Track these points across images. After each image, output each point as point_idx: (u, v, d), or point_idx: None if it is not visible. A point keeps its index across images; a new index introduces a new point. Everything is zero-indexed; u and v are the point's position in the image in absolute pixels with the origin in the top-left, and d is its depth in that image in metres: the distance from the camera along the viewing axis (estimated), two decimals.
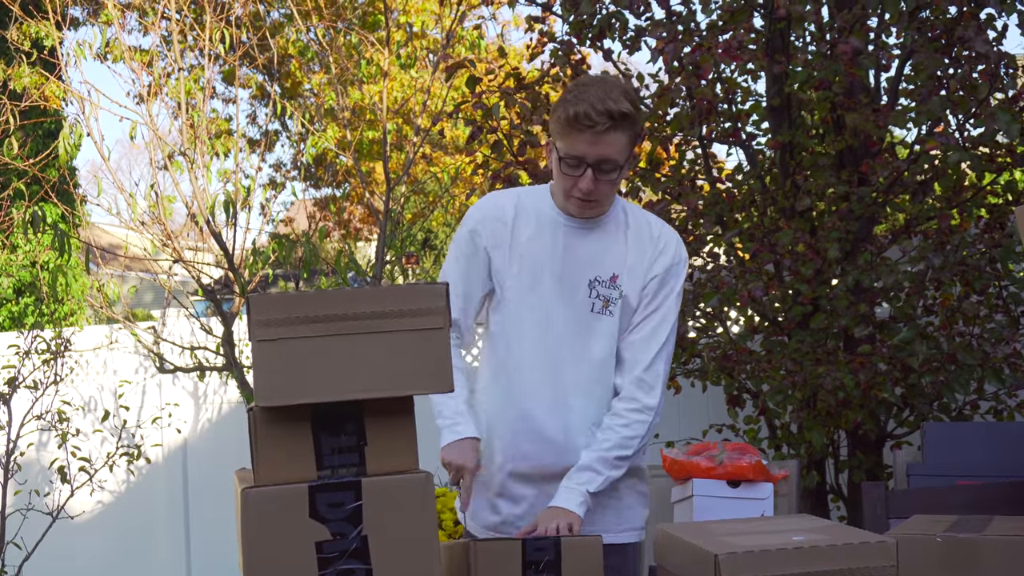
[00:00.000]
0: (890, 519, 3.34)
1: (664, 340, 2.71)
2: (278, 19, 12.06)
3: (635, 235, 2.72)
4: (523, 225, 2.73)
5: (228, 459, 7.19)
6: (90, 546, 7.59)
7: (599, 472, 2.61)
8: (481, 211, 2.78)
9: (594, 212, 2.69)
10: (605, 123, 2.54)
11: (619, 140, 2.58)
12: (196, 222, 6.72)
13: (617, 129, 2.57)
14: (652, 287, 2.71)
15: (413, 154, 7.34)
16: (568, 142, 2.60)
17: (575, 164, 2.61)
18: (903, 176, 4.97)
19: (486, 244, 2.74)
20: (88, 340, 7.68)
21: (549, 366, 2.70)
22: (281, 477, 1.98)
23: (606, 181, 2.62)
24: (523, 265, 2.72)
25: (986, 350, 4.77)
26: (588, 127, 2.55)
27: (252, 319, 1.95)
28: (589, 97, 2.55)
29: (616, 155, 2.59)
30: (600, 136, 2.56)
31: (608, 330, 2.70)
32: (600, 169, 2.60)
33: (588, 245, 2.71)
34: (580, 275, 2.70)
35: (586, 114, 2.54)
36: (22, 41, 6.99)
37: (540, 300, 2.71)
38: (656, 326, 2.71)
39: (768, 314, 5.20)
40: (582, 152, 2.59)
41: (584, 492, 2.59)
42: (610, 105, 2.54)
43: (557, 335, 2.70)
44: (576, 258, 2.70)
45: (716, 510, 3.51)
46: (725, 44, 4.89)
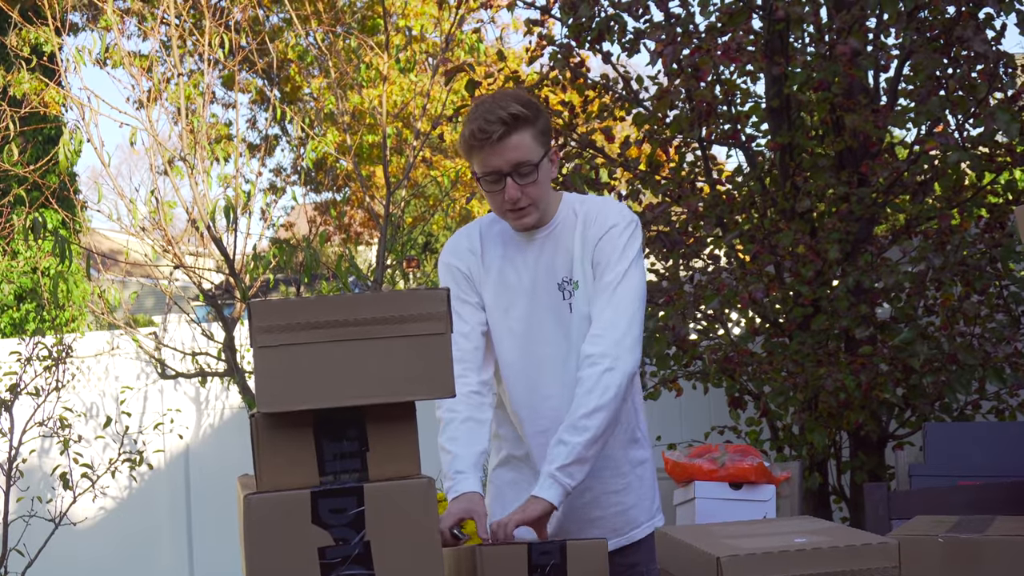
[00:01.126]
0: (892, 520, 3.34)
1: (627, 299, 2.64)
2: (277, 24, 12.07)
3: (582, 222, 2.73)
4: (490, 253, 2.76)
5: (230, 464, 7.23)
6: (93, 552, 7.59)
7: (566, 442, 2.53)
8: (452, 249, 2.81)
9: (533, 219, 2.69)
10: (499, 130, 2.56)
11: (523, 140, 2.59)
12: (197, 227, 6.72)
13: (515, 131, 2.58)
14: (599, 252, 2.69)
15: (413, 158, 7.35)
16: (478, 160, 2.62)
17: (493, 179, 2.63)
18: (903, 176, 4.97)
19: (469, 272, 2.76)
20: (89, 346, 7.69)
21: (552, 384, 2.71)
22: (283, 483, 1.98)
23: (529, 184, 2.62)
24: (498, 291, 2.75)
25: (987, 350, 4.77)
26: (486, 139, 2.57)
27: (253, 325, 1.96)
28: (480, 112, 2.59)
29: (526, 156, 2.60)
30: (501, 144, 2.58)
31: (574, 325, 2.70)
32: (518, 174, 2.61)
33: (550, 251, 2.72)
34: (550, 282, 2.72)
35: (480, 128, 2.57)
36: (22, 47, 7.00)
37: (520, 323, 2.73)
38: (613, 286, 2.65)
39: (769, 316, 5.20)
40: (494, 165, 2.61)
41: (552, 474, 2.51)
42: (499, 112, 2.56)
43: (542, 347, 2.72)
44: (543, 267, 2.72)
45: (718, 512, 3.51)
46: (724, 46, 4.89)
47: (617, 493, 2.75)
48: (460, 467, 2.61)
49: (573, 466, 2.51)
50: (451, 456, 2.62)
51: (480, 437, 2.67)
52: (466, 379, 2.69)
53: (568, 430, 2.53)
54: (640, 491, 2.80)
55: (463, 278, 2.77)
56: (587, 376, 2.56)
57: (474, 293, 2.77)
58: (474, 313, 2.76)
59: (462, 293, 2.76)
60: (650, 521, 2.80)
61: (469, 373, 2.71)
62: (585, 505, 2.72)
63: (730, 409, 5.21)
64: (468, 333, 2.74)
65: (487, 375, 2.76)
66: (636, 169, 5.52)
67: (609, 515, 2.74)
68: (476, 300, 2.76)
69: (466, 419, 2.66)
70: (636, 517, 2.78)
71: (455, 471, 2.60)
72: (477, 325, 2.75)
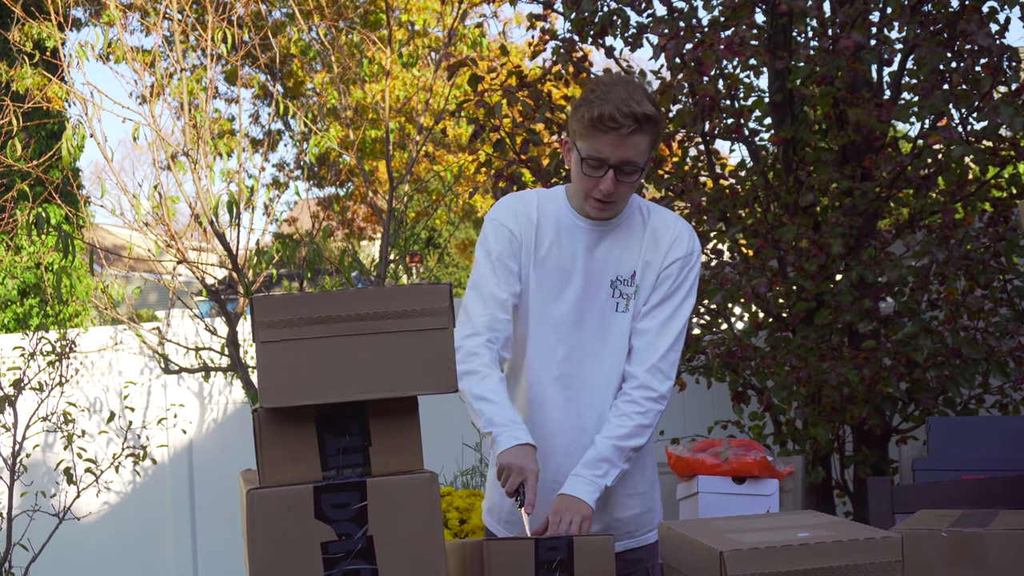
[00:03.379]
0: (896, 514, 3.34)
1: (679, 330, 2.70)
2: (280, 19, 12.07)
3: (652, 232, 2.72)
4: (545, 232, 2.71)
5: (233, 459, 7.24)
6: (97, 547, 7.61)
7: (615, 464, 2.59)
8: (508, 210, 2.73)
9: (611, 213, 2.68)
10: (630, 125, 2.53)
11: (642, 142, 2.58)
12: (200, 222, 6.72)
13: (641, 132, 2.56)
14: (665, 276, 2.70)
15: (416, 153, 7.34)
16: (591, 143, 2.58)
17: (597, 165, 2.59)
18: (906, 171, 4.96)
19: (520, 239, 2.70)
20: (93, 341, 7.70)
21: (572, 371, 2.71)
22: (286, 478, 1.98)
23: (626, 183, 2.61)
24: (545, 274, 2.71)
25: (991, 344, 4.77)
26: (613, 129, 2.53)
27: (256, 321, 1.96)
28: (614, 98, 2.53)
29: (638, 157, 2.58)
30: (624, 138, 2.55)
31: (625, 324, 2.70)
32: (621, 171, 2.58)
33: (608, 246, 2.70)
34: (603, 276, 2.70)
35: (611, 116, 2.52)
36: (24, 42, 7.00)
37: (564, 308, 2.70)
38: (670, 315, 2.69)
39: (772, 310, 5.20)
40: (605, 154, 2.57)
41: (601, 486, 2.57)
42: (634, 107, 2.53)
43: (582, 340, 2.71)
44: (598, 260, 2.70)
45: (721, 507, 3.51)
46: (727, 40, 4.88)
47: (639, 496, 2.77)
48: (513, 416, 2.59)
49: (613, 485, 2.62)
50: (498, 405, 2.59)
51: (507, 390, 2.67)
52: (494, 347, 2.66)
53: (618, 453, 2.62)
54: (655, 494, 2.84)
55: (513, 240, 2.70)
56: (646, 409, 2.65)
57: (516, 260, 2.71)
58: (514, 282, 2.70)
59: (508, 258, 2.70)
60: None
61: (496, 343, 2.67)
62: (607, 507, 2.72)
63: (733, 403, 5.21)
64: (503, 301, 2.69)
65: (507, 352, 2.73)
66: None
67: (627, 517, 2.76)
68: (517, 269, 2.71)
69: (501, 379, 2.65)
70: (651, 520, 2.80)
71: (508, 419, 2.58)
72: (511, 293, 2.69)
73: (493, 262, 2.70)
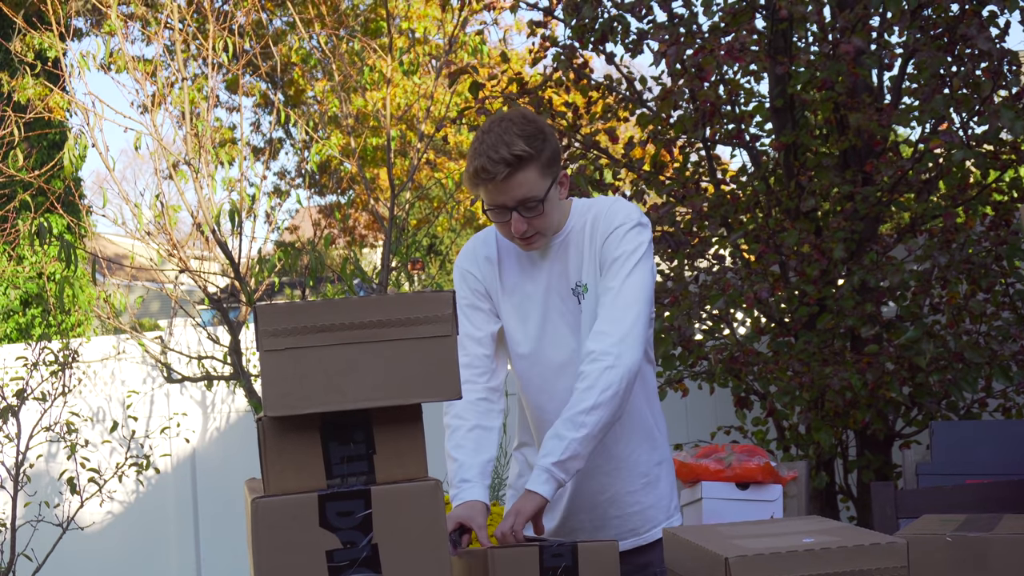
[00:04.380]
0: (900, 519, 3.33)
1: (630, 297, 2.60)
2: (281, 27, 12.09)
3: (591, 226, 2.71)
4: (507, 264, 2.76)
5: (237, 467, 7.24)
6: (100, 556, 7.61)
7: (562, 437, 2.50)
8: (469, 255, 2.80)
9: (541, 243, 2.68)
10: (503, 171, 2.52)
11: (527, 178, 2.55)
12: (201, 231, 6.73)
13: (519, 170, 2.54)
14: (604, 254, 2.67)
15: (417, 160, 7.35)
16: (483, 193, 2.60)
17: (499, 212, 2.61)
18: (907, 175, 4.97)
19: (482, 281, 2.76)
20: (95, 351, 7.70)
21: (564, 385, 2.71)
22: (291, 487, 1.98)
23: (535, 216, 2.60)
24: (515, 299, 2.75)
25: (993, 348, 4.77)
26: (489, 179, 2.54)
27: (259, 329, 1.96)
28: (484, 148, 2.54)
29: (531, 192, 2.57)
30: (505, 183, 2.54)
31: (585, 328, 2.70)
32: (524, 207, 2.58)
33: (563, 258, 2.72)
34: (565, 287, 2.72)
35: (483, 167, 2.53)
36: (26, 52, 7.02)
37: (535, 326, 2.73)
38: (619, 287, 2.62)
39: (774, 315, 5.20)
40: (499, 201, 2.58)
41: (547, 468, 2.50)
42: (503, 152, 2.51)
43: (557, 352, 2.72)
44: (557, 273, 2.72)
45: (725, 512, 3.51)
46: (727, 46, 4.89)
47: (635, 492, 2.75)
48: (465, 475, 2.60)
49: (568, 462, 2.49)
50: (456, 464, 2.62)
51: (488, 445, 2.66)
52: (474, 385, 2.69)
53: (565, 424, 2.51)
54: (658, 491, 2.80)
55: (478, 284, 2.77)
56: (588, 372, 2.54)
57: (487, 300, 2.77)
58: (486, 320, 2.76)
59: (476, 300, 2.76)
60: (668, 520, 2.81)
61: (478, 379, 2.71)
62: (604, 504, 2.73)
63: (736, 409, 5.20)
64: (480, 339, 2.74)
65: (497, 381, 2.75)
66: (640, 170, 5.52)
67: (627, 515, 2.75)
68: (488, 307, 2.76)
69: (473, 427, 2.65)
70: (654, 517, 2.78)
71: (460, 479, 2.60)
72: (488, 332, 2.75)
73: (464, 308, 2.75)
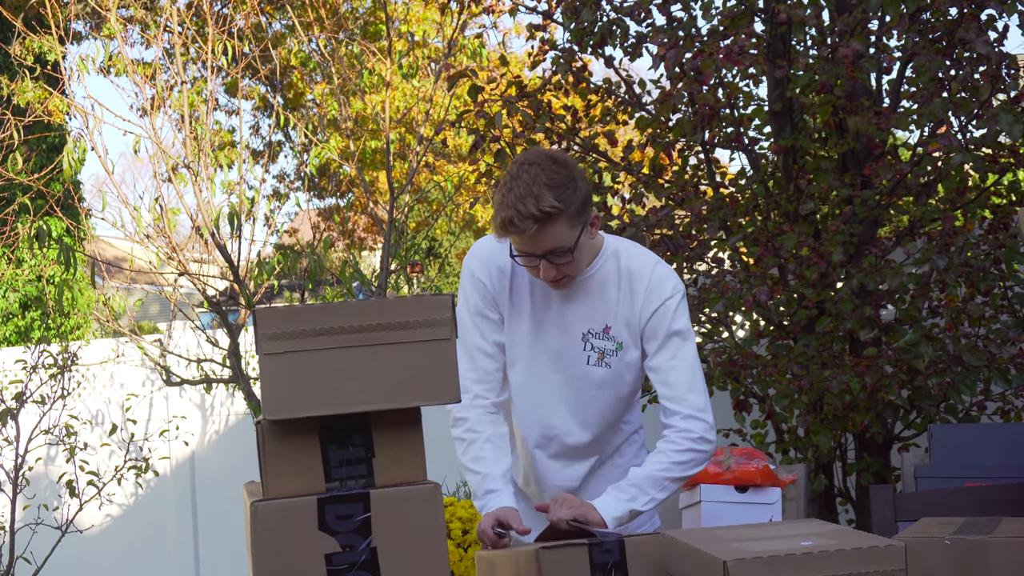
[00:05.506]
0: (898, 522, 3.33)
1: (690, 368, 2.68)
2: (280, 30, 12.09)
3: (627, 283, 2.69)
4: (518, 280, 2.73)
5: (236, 470, 7.24)
6: (99, 560, 7.60)
7: (644, 491, 2.58)
8: (481, 260, 2.76)
9: (569, 284, 2.67)
10: (532, 226, 2.48)
11: (556, 231, 2.52)
12: (201, 234, 6.73)
13: (549, 224, 2.50)
14: (653, 327, 2.68)
15: (416, 163, 7.35)
16: (512, 241, 2.57)
17: (527, 260, 2.59)
18: (906, 178, 4.97)
19: (493, 292, 2.74)
20: (95, 354, 7.70)
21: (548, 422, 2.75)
22: (290, 490, 1.98)
23: (564, 263, 2.58)
24: (521, 324, 2.73)
25: (992, 351, 4.77)
26: (518, 232, 2.51)
27: (259, 333, 1.96)
28: (512, 200, 2.48)
29: (560, 243, 2.54)
30: (534, 236, 2.51)
31: (604, 383, 2.72)
32: (553, 254, 2.56)
33: (580, 298, 2.70)
34: (575, 328, 2.70)
35: (510, 220, 2.49)
36: (25, 56, 7.02)
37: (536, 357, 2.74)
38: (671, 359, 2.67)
39: (773, 318, 5.20)
40: (527, 250, 2.56)
41: (627, 508, 2.56)
42: (531, 208, 2.46)
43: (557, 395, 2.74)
44: (570, 313, 2.70)
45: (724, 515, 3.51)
46: (726, 49, 4.89)
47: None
48: (491, 486, 2.63)
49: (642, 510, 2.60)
50: (480, 476, 2.64)
51: (504, 454, 2.70)
52: (484, 400, 2.71)
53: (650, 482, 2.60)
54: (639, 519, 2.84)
55: (487, 293, 2.74)
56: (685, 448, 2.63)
57: (496, 309, 2.74)
58: (494, 330, 2.74)
59: (485, 308, 2.74)
60: (650, 523, 2.86)
61: (488, 394, 2.73)
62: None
63: (735, 412, 5.20)
64: (490, 353, 2.74)
65: (503, 398, 2.78)
66: (639, 173, 5.52)
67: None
68: (497, 317, 2.75)
69: (489, 437, 2.68)
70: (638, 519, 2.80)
71: (486, 491, 2.62)
72: (498, 345, 2.74)
73: (472, 315, 2.74)
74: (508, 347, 2.76)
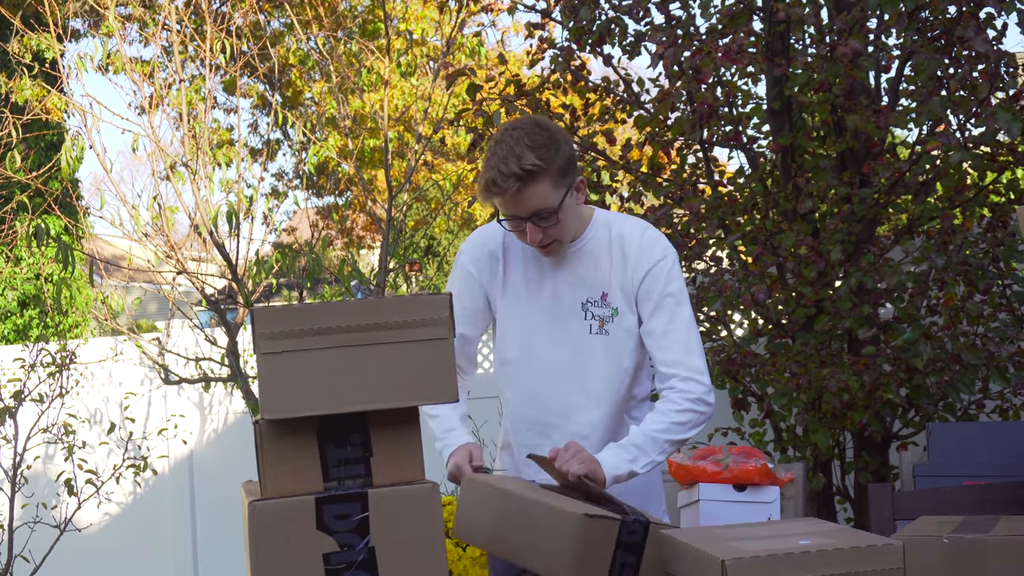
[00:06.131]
0: (897, 520, 3.33)
1: (686, 330, 2.72)
2: (278, 28, 12.09)
3: (619, 249, 2.72)
4: (512, 259, 2.77)
5: (234, 469, 7.24)
6: (98, 558, 7.60)
7: (645, 452, 2.61)
8: (472, 247, 2.82)
9: (559, 250, 2.70)
10: (514, 185, 2.53)
11: (539, 190, 2.56)
12: (199, 233, 6.73)
13: (530, 183, 2.54)
14: (647, 290, 2.70)
15: (415, 161, 7.35)
16: (497, 204, 2.63)
17: (514, 223, 2.63)
18: (905, 177, 4.97)
19: (481, 280, 2.79)
20: (93, 352, 7.70)
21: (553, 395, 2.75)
22: (288, 489, 1.98)
23: (550, 226, 2.62)
24: (517, 300, 2.76)
25: (990, 349, 4.77)
26: (500, 192, 2.56)
27: (257, 332, 1.96)
28: (495, 161, 2.55)
29: (544, 203, 2.58)
30: (517, 195, 2.56)
31: (606, 350, 2.72)
32: (538, 217, 2.60)
33: (574, 268, 2.73)
34: (574, 299, 2.73)
35: (493, 180, 2.55)
36: (23, 54, 7.01)
37: (538, 334, 2.75)
38: (667, 323, 2.70)
39: (772, 317, 5.20)
40: (512, 211, 2.60)
41: (627, 468, 2.58)
42: (512, 166, 2.52)
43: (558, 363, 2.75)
44: (566, 283, 2.73)
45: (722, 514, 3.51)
46: (725, 48, 4.89)
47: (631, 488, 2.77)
48: (449, 425, 2.70)
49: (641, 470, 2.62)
50: (439, 419, 2.71)
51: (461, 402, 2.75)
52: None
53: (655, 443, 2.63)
54: (647, 491, 2.87)
55: (471, 281, 2.80)
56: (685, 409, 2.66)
57: (478, 298, 2.80)
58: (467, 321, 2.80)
59: (464, 298, 2.80)
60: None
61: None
62: None
63: (733, 411, 5.20)
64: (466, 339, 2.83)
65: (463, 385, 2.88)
66: (638, 171, 5.52)
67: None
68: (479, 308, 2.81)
69: None
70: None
71: (445, 430, 2.69)
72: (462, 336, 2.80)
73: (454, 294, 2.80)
74: (506, 325, 2.79)
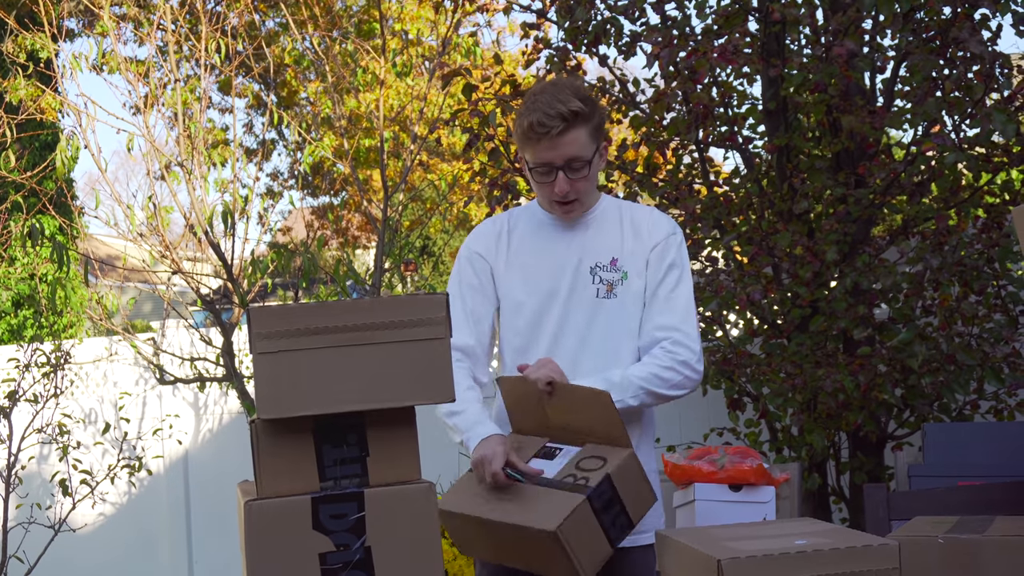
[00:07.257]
0: (892, 521, 3.34)
1: (687, 300, 2.76)
2: (274, 28, 12.07)
3: (630, 221, 2.81)
4: (518, 233, 2.83)
5: (229, 469, 7.23)
6: (93, 558, 7.59)
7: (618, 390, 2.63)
8: (474, 234, 2.89)
9: (579, 211, 2.77)
10: (559, 125, 2.62)
11: (579, 137, 2.66)
12: (194, 232, 6.72)
13: (573, 127, 2.64)
14: (657, 256, 2.76)
15: (410, 161, 7.35)
16: (532, 152, 2.69)
17: (545, 171, 2.70)
18: (900, 177, 4.97)
19: (486, 260, 2.82)
20: (88, 352, 7.68)
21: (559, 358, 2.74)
22: (284, 489, 1.98)
23: (580, 179, 2.70)
24: (525, 269, 2.79)
25: (985, 350, 4.78)
26: (544, 133, 2.63)
27: (253, 332, 1.96)
28: (540, 104, 2.64)
29: (580, 151, 2.67)
30: (558, 139, 2.64)
31: (614, 312, 2.74)
32: (570, 168, 2.68)
33: (584, 235, 2.79)
34: (582, 264, 2.77)
35: (539, 122, 2.63)
36: (18, 53, 7.00)
37: (545, 299, 2.77)
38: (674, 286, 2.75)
39: (767, 317, 5.21)
40: (548, 158, 2.67)
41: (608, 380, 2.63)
42: (559, 107, 2.62)
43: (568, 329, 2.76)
44: (575, 248, 2.78)
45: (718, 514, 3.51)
46: (720, 48, 4.89)
47: None
48: (478, 418, 2.67)
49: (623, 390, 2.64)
50: (462, 415, 2.68)
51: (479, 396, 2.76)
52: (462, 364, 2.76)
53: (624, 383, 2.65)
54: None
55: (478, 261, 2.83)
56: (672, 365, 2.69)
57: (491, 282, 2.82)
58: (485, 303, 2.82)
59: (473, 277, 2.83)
60: (659, 524, 2.87)
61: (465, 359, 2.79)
62: None
63: (729, 411, 5.21)
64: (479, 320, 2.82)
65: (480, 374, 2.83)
66: (633, 171, 5.52)
67: None
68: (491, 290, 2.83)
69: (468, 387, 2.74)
70: (648, 521, 2.79)
71: (474, 422, 2.66)
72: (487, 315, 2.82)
73: (463, 287, 2.84)
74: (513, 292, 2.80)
